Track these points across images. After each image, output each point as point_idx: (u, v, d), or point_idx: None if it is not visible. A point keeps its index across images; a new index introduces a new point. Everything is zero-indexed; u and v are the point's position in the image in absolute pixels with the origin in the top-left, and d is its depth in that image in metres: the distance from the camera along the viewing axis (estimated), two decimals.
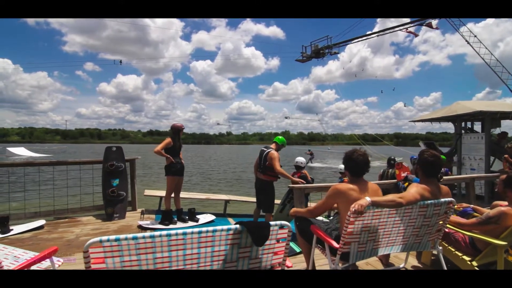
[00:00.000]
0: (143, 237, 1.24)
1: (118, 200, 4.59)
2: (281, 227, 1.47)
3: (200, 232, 1.32)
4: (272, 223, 1.44)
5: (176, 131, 4.46)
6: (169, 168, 4.32)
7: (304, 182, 4.13)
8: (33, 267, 1.86)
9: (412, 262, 2.83)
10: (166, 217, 4.34)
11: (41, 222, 4.12)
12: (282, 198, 4.95)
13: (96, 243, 1.19)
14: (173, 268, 1.33)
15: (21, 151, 35.89)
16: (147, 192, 5.24)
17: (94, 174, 4.91)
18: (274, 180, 4.27)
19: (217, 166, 27.44)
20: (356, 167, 2.06)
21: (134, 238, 1.22)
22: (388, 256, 2.76)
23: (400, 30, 19.13)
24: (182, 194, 4.78)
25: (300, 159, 4.94)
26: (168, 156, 4.23)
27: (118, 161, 4.80)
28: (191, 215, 4.65)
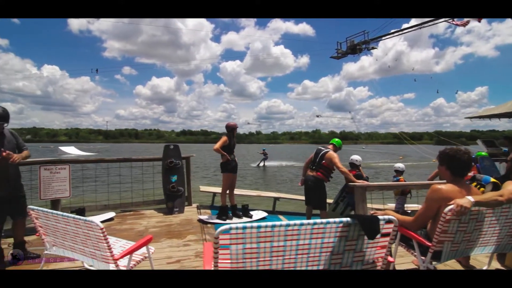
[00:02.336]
0: (265, 227, 1.31)
1: (177, 195, 4.85)
2: (388, 221, 1.47)
3: (314, 224, 1.37)
4: (380, 217, 1.45)
5: (231, 129, 4.61)
6: (226, 165, 4.48)
7: (368, 181, 4.06)
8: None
9: (495, 265, 2.67)
10: (223, 212, 4.51)
11: (112, 214, 4.48)
12: (334, 196, 4.92)
13: (226, 230, 1.28)
14: (286, 257, 1.40)
15: (71, 150, 39.16)
16: (202, 188, 5.47)
17: (149, 170, 5.25)
18: (326, 180, 4.25)
19: (250, 164, 27.69)
20: (460, 167, 1.96)
21: (258, 227, 1.30)
22: (468, 257, 2.63)
23: (446, 21, 17.90)
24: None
25: (356, 157, 4.85)
26: (225, 153, 4.39)
27: (176, 158, 5.07)
28: (245, 211, 4.78)
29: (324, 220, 1.38)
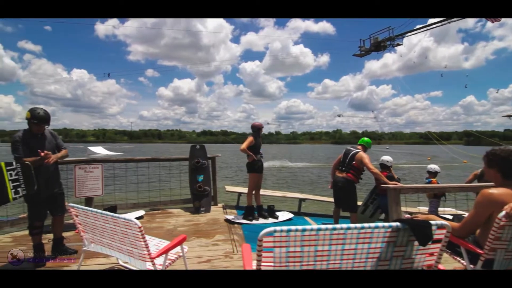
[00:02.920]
0: (310, 230, 1.27)
1: (204, 195, 4.89)
2: (440, 227, 1.37)
3: (361, 228, 1.30)
4: (432, 222, 1.35)
5: (256, 129, 4.59)
6: (252, 165, 4.46)
7: (400, 183, 3.89)
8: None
9: None
10: (249, 212, 4.49)
11: (142, 212, 4.60)
12: (364, 198, 4.76)
13: (270, 233, 1.25)
14: (331, 262, 1.34)
15: (99, 150, 40.97)
16: (228, 188, 5.49)
17: (174, 170, 5.34)
18: (356, 181, 4.11)
19: (272, 165, 27.59)
20: None
21: (303, 230, 1.26)
22: None
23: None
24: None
25: (387, 158, 4.66)
26: (252, 154, 4.37)
27: (202, 158, 5.13)
28: (271, 212, 4.74)
29: (372, 225, 1.31)
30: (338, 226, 1.29)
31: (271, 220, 4.57)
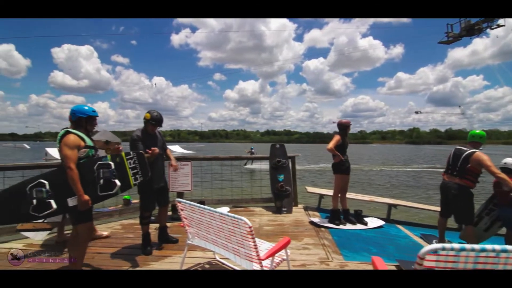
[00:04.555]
0: (492, 251, 0.99)
1: (285, 195, 4.80)
2: None
3: None
4: None
5: (344, 127, 4.27)
6: (339, 166, 4.17)
7: None
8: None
9: None
10: (335, 216, 4.21)
11: (227, 209, 4.75)
12: (478, 208, 4.00)
13: (435, 250, 1.02)
14: None
15: (176, 149, 45.24)
16: (310, 189, 5.30)
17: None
18: (473, 187, 3.45)
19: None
20: None
21: (480, 251, 0.99)
22: None
23: None
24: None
25: (511, 160, 3.82)
26: (339, 153, 4.09)
27: (282, 157, 5.04)
28: (359, 217, 4.36)
29: None
30: None
31: (359, 226, 4.20)
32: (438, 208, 4.60)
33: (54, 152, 25.50)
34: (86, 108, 2.45)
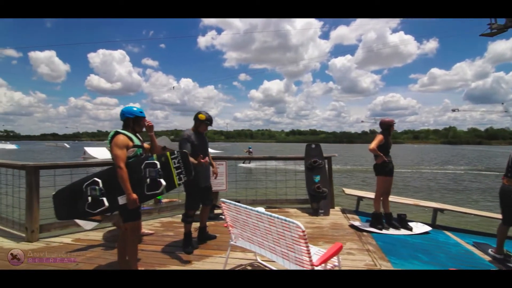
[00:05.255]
0: None
1: (322, 196, 4.65)
2: None
3: None
4: None
5: (386, 126, 4.05)
6: (382, 167, 3.95)
7: None
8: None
9: None
10: (377, 220, 4.00)
11: (262, 209, 4.67)
12: None
13: None
14: None
15: None
16: (348, 191, 5.11)
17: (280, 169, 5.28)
18: None
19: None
20: None
21: None
22: None
23: None
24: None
25: None
26: (382, 154, 3.88)
27: (319, 157, 4.90)
28: (402, 221, 4.11)
29: None
30: None
31: (403, 231, 3.95)
32: (494, 215, 4.23)
33: (91, 150, 27.22)
34: (135, 109, 2.51)
